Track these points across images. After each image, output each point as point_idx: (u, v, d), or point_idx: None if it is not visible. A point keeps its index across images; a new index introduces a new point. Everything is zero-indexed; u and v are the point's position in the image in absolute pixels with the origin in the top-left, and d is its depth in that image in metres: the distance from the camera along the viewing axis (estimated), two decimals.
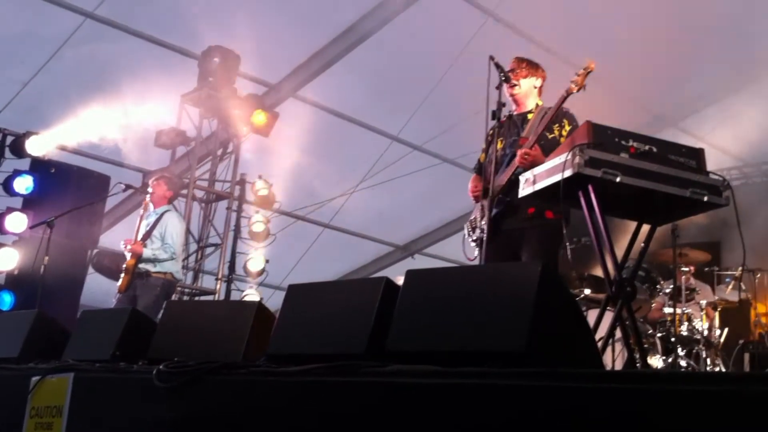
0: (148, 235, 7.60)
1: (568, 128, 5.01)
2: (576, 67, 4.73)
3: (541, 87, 5.27)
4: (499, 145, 5.06)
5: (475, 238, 5.18)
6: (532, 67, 5.23)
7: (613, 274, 3.91)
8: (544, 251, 4.85)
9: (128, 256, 7.50)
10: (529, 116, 5.12)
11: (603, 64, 4.90)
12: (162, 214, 7.74)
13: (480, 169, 5.36)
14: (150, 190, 7.89)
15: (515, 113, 5.24)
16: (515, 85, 5.13)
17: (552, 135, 4.99)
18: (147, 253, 7.48)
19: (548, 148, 4.82)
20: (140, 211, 7.97)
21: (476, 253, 5.12)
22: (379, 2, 9.11)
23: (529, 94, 5.22)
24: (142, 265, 7.47)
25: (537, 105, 5.19)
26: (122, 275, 7.48)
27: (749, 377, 2.10)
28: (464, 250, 5.29)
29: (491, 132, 4.97)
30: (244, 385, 3.07)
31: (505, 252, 4.93)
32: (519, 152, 4.82)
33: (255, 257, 9.42)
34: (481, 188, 5.07)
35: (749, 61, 9.66)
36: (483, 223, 4.99)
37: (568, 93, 4.73)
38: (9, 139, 8.85)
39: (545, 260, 4.70)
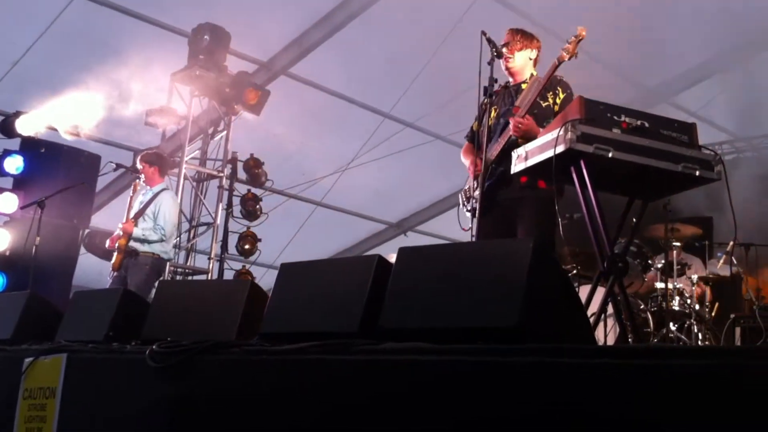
0: (141, 213, 7.57)
1: (562, 96, 5.01)
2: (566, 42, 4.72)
3: (536, 58, 5.26)
4: (493, 114, 5.06)
5: (469, 208, 5.19)
6: (526, 38, 5.21)
7: (605, 249, 3.91)
8: (539, 222, 4.85)
9: (120, 234, 7.48)
10: (524, 86, 5.12)
11: (596, 39, 4.89)
12: (158, 193, 7.72)
13: (473, 138, 5.36)
14: (141, 175, 7.86)
15: (511, 84, 5.23)
16: (510, 58, 5.11)
17: (546, 103, 4.99)
18: (137, 232, 7.46)
19: (542, 116, 4.82)
20: (129, 192, 7.94)
21: (471, 223, 5.13)
22: None
23: (524, 65, 5.21)
24: (131, 244, 7.45)
25: (532, 75, 5.18)
26: (114, 254, 7.47)
27: (740, 351, 2.11)
28: (459, 220, 5.30)
29: (485, 101, 4.97)
30: (238, 363, 3.07)
31: (500, 222, 4.93)
32: (512, 121, 4.81)
33: (247, 236, 9.40)
34: (479, 163, 5.05)
35: (742, 37, 9.64)
36: (477, 193, 5.00)
37: (560, 61, 4.72)
38: None
39: (540, 231, 4.73)
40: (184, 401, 3.17)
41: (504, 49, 5.04)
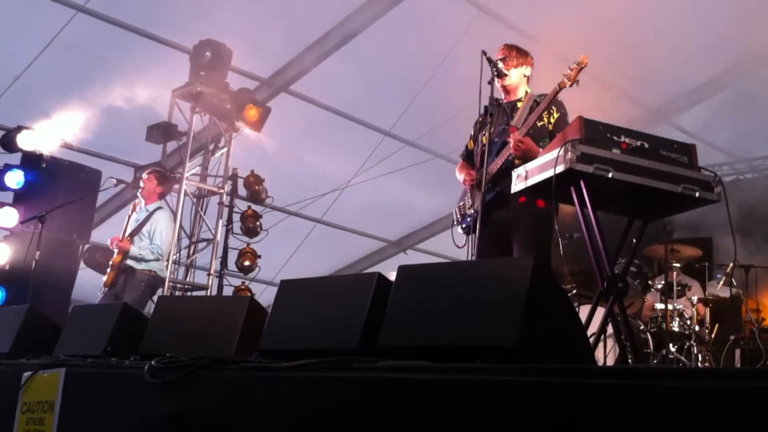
0: (136, 231, 7.56)
1: (556, 115, 5.01)
2: (568, 62, 4.74)
3: (529, 75, 5.26)
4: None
5: (464, 225, 5.18)
6: (521, 55, 5.20)
7: (605, 269, 3.91)
8: (536, 239, 4.84)
9: (115, 252, 7.48)
10: (519, 104, 5.11)
11: (595, 58, 4.90)
12: (153, 212, 7.70)
13: (468, 156, 5.36)
14: (141, 184, 7.86)
15: (504, 101, 5.22)
16: (506, 75, 5.11)
17: (541, 123, 4.99)
18: (134, 250, 7.44)
19: (537, 135, 4.83)
20: (130, 208, 7.94)
21: (464, 240, 5.12)
22: None
23: (519, 82, 5.19)
24: (127, 262, 7.44)
25: (526, 93, 5.18)
26: (108, 271, 7.46)
27: (740, 373, 2.11)
28: (453, 237, 5.28)
29: (480, 119, 4.98)
30: (236, 380, 3.07)
31: (495, 240, 4.90)
32: (513, 139, 4.80)
33: (247, 253, 9.39)
34: (474, 177, 5.05)
35: (741, 58, 9.68)
36: (471, 211, 5.00)
37: (561, 87, 4.73)
38: (0, 134, 8.81)
39: (538, 248, 4.72)
40: (182, 417, 3.16)
41: (500, 65, 5.05)
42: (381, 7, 9.10)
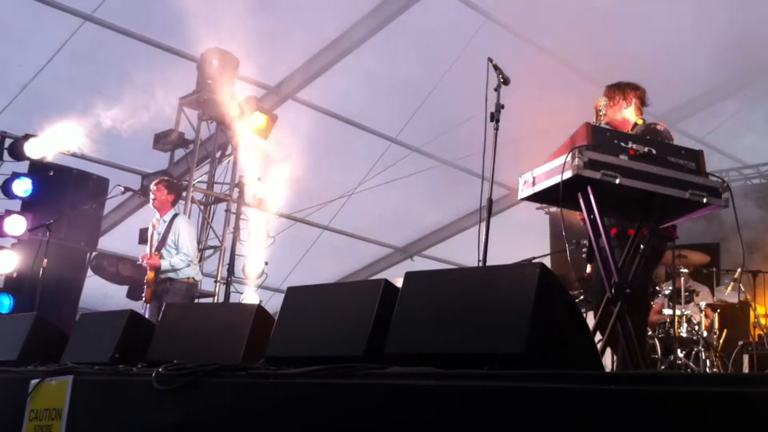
0: (162, 244, 7.58)
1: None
2: (571, 66, 4.74)
3: (638, 104, 5.18)
4: None
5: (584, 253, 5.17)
6: (619, 92, 5.16)
7: (612, 275, 3.90)
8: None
9: (147, 269, 7.51)
10: None
11: (601, 65, 4.91)
12: (172, 221, 7.71)
13: None
14: (152, 196, 7.87)
15: None
16: (607, 115, 5.04)
17: None
18: (165, 264, 7.48)
19: None
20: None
21: (588, 269, 5.09)
22: (378, 5, 9.11)
23: (622, 120, 5.13)
24: (163, 276, 7.49)
25: (637, 124, 5.12)
26: (144, 288, 7.50)
27: (749, 379, 2.10)
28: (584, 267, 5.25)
29: None
30: (243, 387, 3.07)
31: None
32: None
33: (254, 259, 9.40)
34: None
35: (748, 64, 9.66)
36: (585, 241, 4.98)
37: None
38: (8, 142, 8.82)
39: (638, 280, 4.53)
40: (189, 423, 3.16)
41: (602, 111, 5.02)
42: (388, 14, 9.11)
